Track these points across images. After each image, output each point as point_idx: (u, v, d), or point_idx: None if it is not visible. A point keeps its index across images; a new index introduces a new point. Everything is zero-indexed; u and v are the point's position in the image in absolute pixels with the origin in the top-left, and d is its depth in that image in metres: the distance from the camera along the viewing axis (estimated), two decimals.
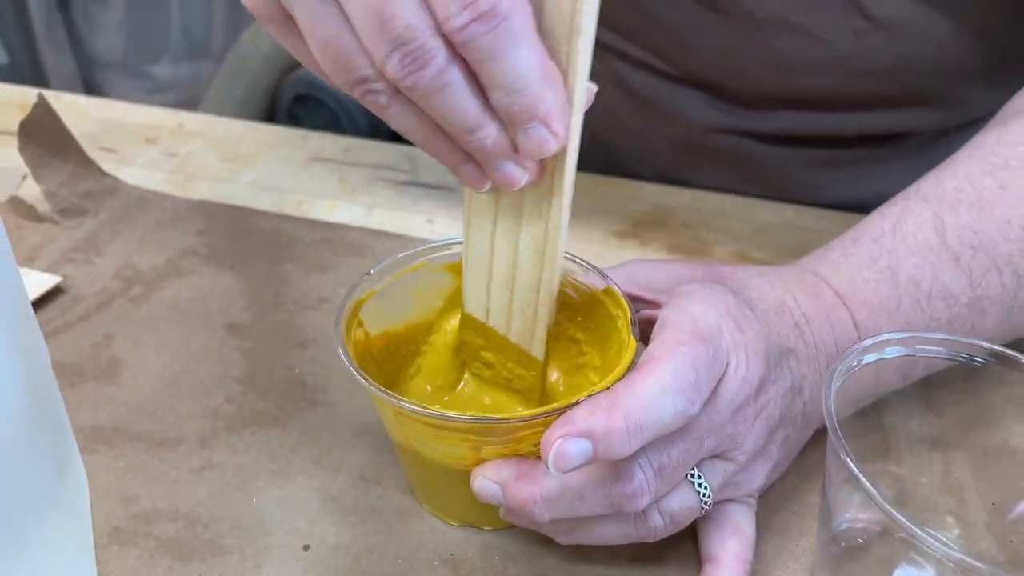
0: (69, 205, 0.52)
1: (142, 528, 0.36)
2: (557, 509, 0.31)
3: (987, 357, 0.35)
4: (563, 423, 0.29)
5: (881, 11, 0.49)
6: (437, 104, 0.27)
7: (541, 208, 0.31)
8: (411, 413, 0.31)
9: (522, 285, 0.34)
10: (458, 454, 0.33)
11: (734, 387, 0.32)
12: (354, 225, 0.53)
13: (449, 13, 0.25)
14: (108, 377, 0.43)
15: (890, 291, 0.37)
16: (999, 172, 0.38)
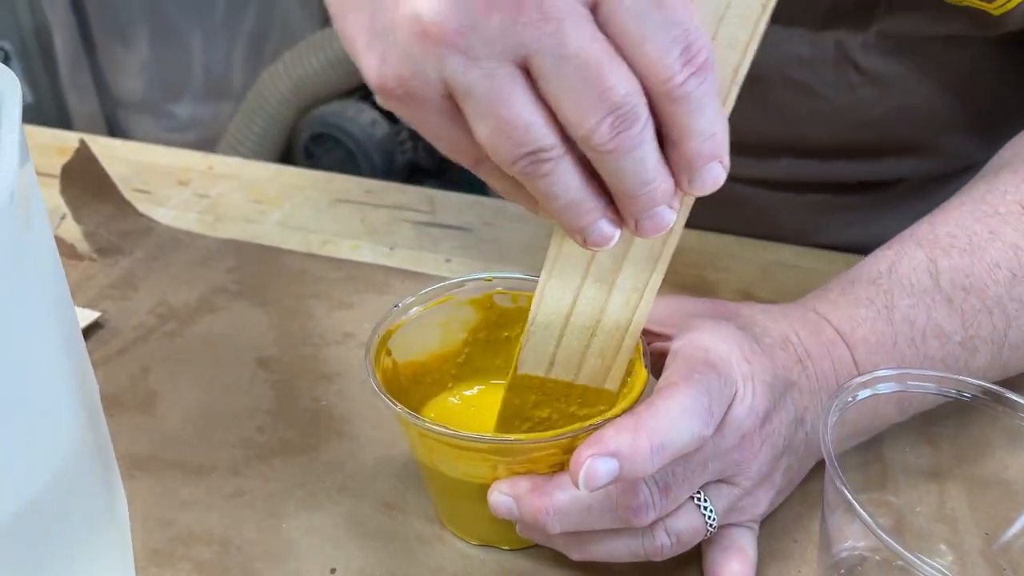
0: (107, 244, 0.55)
1: (179, 550, 0.38)
2: (568, 521, 0.34)
3: (976, 393, 0.37)
4: (593, 442, 0.31)
5: (871, 66, 0.51)
6: (628, 160, 0.28)
7: (655, 245, 0.33)
8: (434, 434, 0.34)
9: (608, 326, 0.35)
10: (477, 473, 0.35)
11: (741, 415, 0.34)
12: (376, 264, 0.56)
13: (672, 72, 0.27)
14: (145, 408, 0.45)
15: (886, 329, 0.39)
16: (988, 219, 0.41)
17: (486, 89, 0.27)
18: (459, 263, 0.57)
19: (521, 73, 0.27)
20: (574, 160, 0.29)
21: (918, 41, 0.50)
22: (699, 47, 0.27)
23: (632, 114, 0.27)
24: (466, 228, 0.60)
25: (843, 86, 0.52)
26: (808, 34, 0.51)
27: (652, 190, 0.29)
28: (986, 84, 0.53)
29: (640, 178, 0.29)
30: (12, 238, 0.25)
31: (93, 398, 0.32)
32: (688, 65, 0.27)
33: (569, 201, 0.30)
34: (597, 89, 0.27)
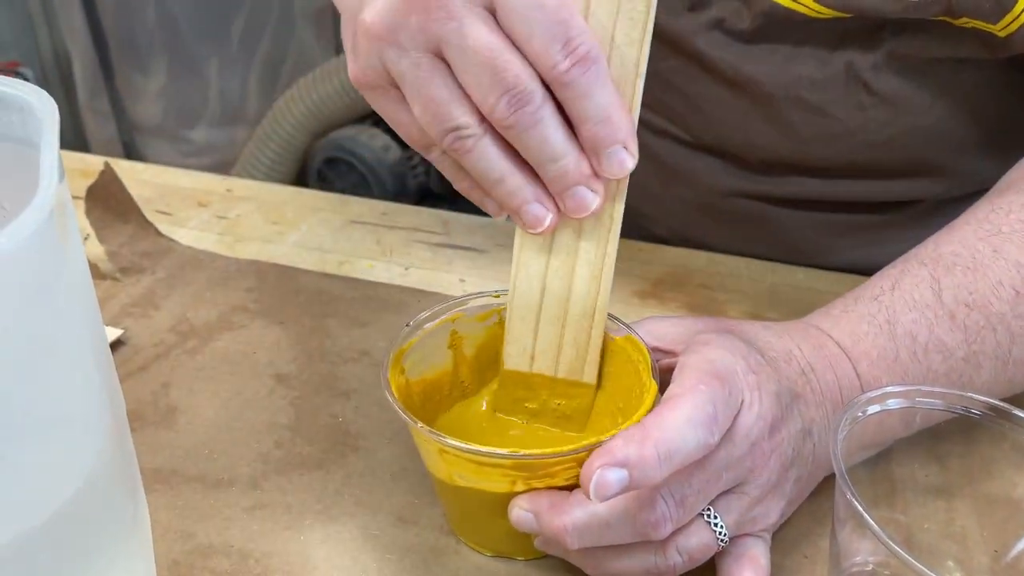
0: (129, 264, 0.57)
1: (199, 562, 0.39)
2: (586, 537, 0.34)
3: (984, 410, 0.37)
4: (602, 454, 0.32)
5: (882, 88, 0.52)
6: (532, 136, 0.33)
7: (599, 233, 0.36)
8: (454, 450, 0.35)
9: (575, 314, 0.38)
10: (496, 487, 0.36)
11: (749, 422, 0.35)
12: (391, 283, 0.57)
13: (555, 61, 0.32)
14: (166, 423, 0.46)
15: (888, 343, 0.40)
16: (992, 238, 0.41)
17: (414, 75, 0.34)
18: (473, 283, 0.58)
19: (441, 62, 0.33)
20: (495, 140, 0.34)
21: (928, 63, 0.51)
22: (580, 41, 0.32)
23: (526, 93, 0.32)
24: (479, 249, 0.61)
25: (854, 107, 0.53)
26: (818, 55, 0.52)
27: (563, 167, 0.34)
28: (998, 106, 0.54)
29: (547, 154, 0.33)
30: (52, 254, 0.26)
31: (120, 411, 0.33)
32: (570, 56, 0.32)
33: (498, 179, 0.35)
34: (493, 72, 0.32)
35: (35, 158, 0.27)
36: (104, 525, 0.31)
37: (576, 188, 0.34)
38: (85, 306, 0.29)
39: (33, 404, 0.26)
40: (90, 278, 0.30)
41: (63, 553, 0.28)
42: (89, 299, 0.30)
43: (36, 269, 0.25)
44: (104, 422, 0.30)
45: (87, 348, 0.29)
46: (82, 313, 0.29)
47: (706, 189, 0.62)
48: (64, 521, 0.28)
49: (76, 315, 0.28)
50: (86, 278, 0.30)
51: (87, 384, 0.29)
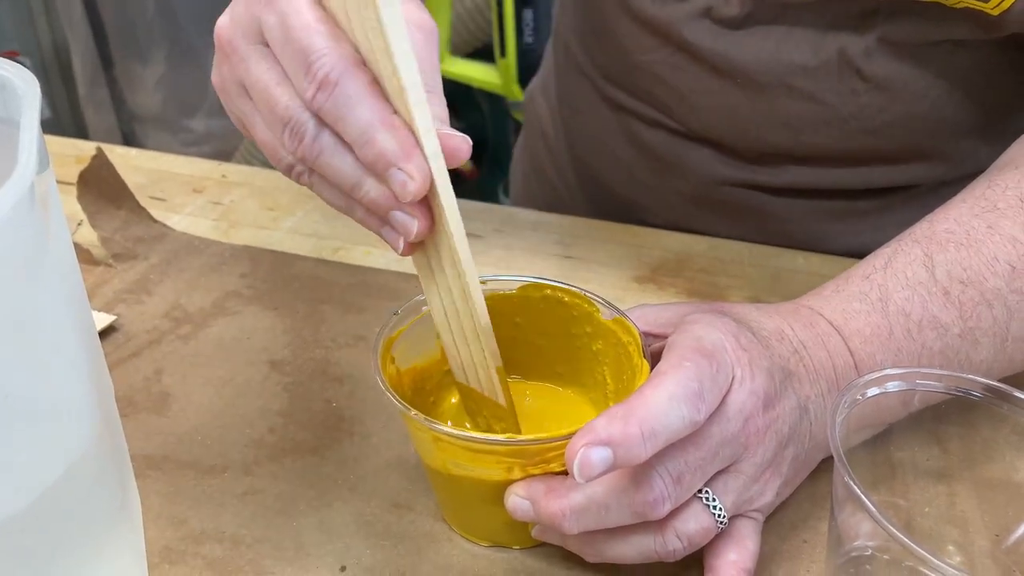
0: (122, 250, 0.56)
1: (190, 548, 0.39)
2: (584, 521, 0.34)
3: (983, 392, 0.37)
4: (584, 433, 0.32)
5: (875, 72, 0.52)
6: (323, 168, 0.32)
7: (445, 254, 0.34)
8: (449, 437, 0.34)
9: (469, 335, 0.36)
10: (491, 475, 0.35)
11: (742, 398, 0.34)
12: (388, 270, 0.56)
13: (303, 89, 0.31)
14: (158, 409, 0.46)
15: (880, 320, 0.39)
16: (987, 215, 0.41)
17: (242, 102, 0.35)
18: None
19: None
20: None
21: (922, 47, 0.50)
22: (318, 66, 0.30)
23: (298, 125, 0.32)
24: (476, 235, 0.60)
25: (847, 93, 0.52)
26: (810, 41, 0.52)
27: (365, 192, 0.32)
28: (993, 88, 0.53)
29: (347, 183, 0.32)
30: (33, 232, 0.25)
31: (108, 397, 0.32)
32: (312, 83, 0.31)
33: (345, 208, 0.34)
34: (270, 108, 0.32)
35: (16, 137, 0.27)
36: (91, 511, 0.30)
37: (391, 215, 0.32)
38: (70, 289, 0.29)
39: (15, 385, 0.25)
40: (76, 261, 0.30)
41: (49, 538, 0.28)
42: (75, 282, 0.29)
43: (15, 246, 0.24)
44: (90, 406, 0.30)
45: (72, 331, 0.28)
46: (67, 296, 0.28)
47: (700, 179, 0.61)
48: (49, 506, 0.27)
49: (60, 297, 0.28)
50: (73, 266, 0.29)
51: (72, 367, 0.28)
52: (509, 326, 0.42)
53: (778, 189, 0.60)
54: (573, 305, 0.41)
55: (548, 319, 0.42)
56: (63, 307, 0.28)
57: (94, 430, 0.30)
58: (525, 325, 0.42)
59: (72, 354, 0.28)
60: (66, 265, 0.29)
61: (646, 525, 0.34)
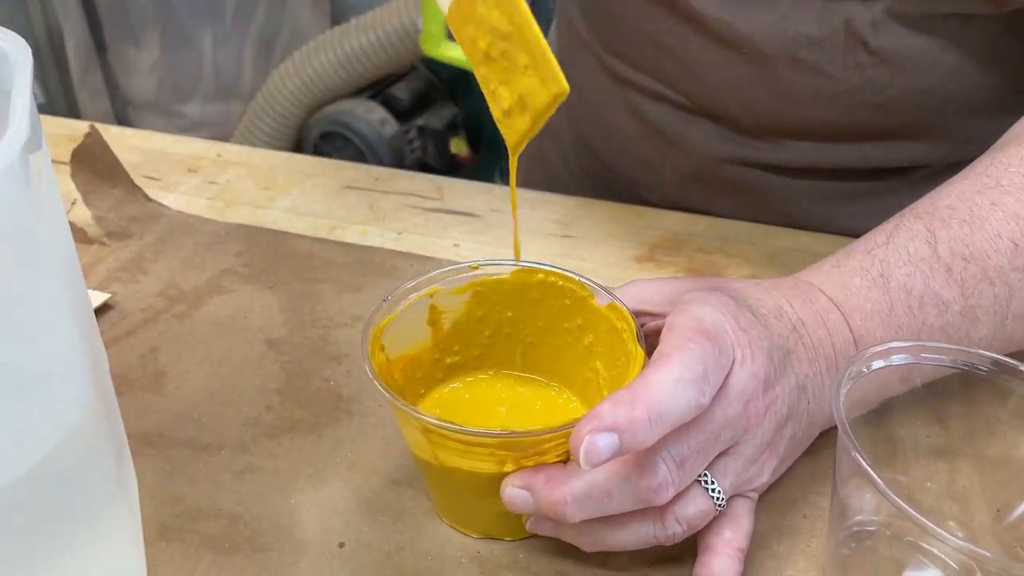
0: (117, 228, 0.56)
1: (187, 525, 0.38)
2: (587, 508, 0.33)
3: (990, 366, 0.36)
4: (590, 419, 0.31)
5: (882, 45, 0.51)
6: None
7: None
8: (440, 430, 0.33)
9: None
10: (483, 467, 0.34)
11: (743, 380, 0.34)
12: (385, 248, 0.56)
13: None
14: (154, 387, 0.45)
15: (881, 296, 0.39)
16: (990, 191, 0.40)
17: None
18: (467, 248, 0.57)
19: None
20: None
21: (929, 20, 0.50)
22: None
23: None
24: (474, 214, 0.60)
25: (852, 67, 0.52)
26: (816, 11, 0.51)
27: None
28: (1001, 65, 0.52)
29: None
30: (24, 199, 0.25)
31: (103, 372, 0.32)
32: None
33: None
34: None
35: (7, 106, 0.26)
36: (86, 485, 0.30)
37: None
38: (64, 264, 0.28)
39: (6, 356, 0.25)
40: (71, 238, 0.30)
41: (43, 512, 0.28)
42: (70, 259, 0.29)
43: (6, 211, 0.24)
44: (84, 380, 0.29)
45: (66, 305, 0.28)
46: (61, 271, 0.28)
47: (702, 156, 0.60)
48: (43, 479, 0.27)
49: (54, 272, 0.27)
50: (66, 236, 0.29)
51: (66, 341, 0.28)
52: (501, 321, 0.41)
53: (780, 168, 0.59)
54: (567, 290, 0.40)
55: (540, 310, 0.41)
56: (57, 281, 0.27)
57: (88, 404, 0.29)
58: (517, 319, 0.41)
59: (66, 328, 0.28)
60: (60, 240, 0.28)
61: (645, 511, 0.34)
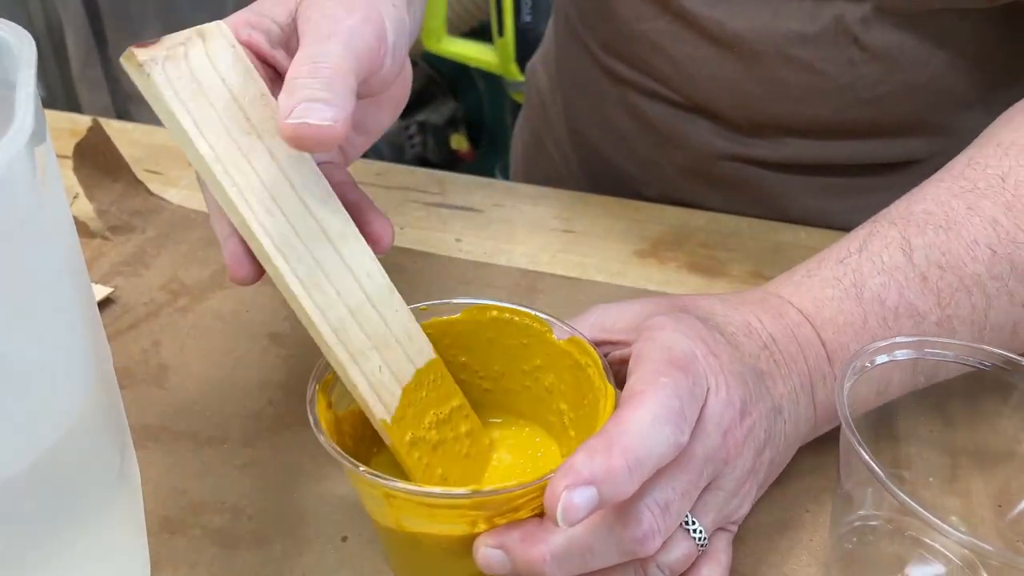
0: (119, 222, 0.56)
1: (190, 518, 0.38)
2: (568, 566, 0.31)
3: (996, 362, 0.36)
4: (565, 473, 0.28)
5: (873, 42, 0.51)
6: None
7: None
8: (404, 494, 0.31)
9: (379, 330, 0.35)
10: (453, 530, 0.32)
11: (719, 410, 0.32)
12: None
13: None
14: (157, 380, 0.45)
15: (854, 308, 0.37)
16: (967, 195, 0.39)
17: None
18: (469, 242, 0.57)
19: None
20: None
21: (920, 16, 0.50)
22: None
23: None
24: (475, 209, 0.60)
25: (844, 63, 0.52)
26: (807, 8, 0.51)
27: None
28: (995, 59, 0.52)
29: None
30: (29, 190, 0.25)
31: (107, 364, 0.32)
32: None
33: None
34: None
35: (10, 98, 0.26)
36: (89, 476, 0.30)
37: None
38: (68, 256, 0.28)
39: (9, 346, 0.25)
40: (74, 230, 0.30)
41: (47, 503, 0.28)
42: (73, 251, 0.29)
43: (12, 204, 0.24)
44: (87, 371, 0.29)
45: (69, 297, 0.28)
46: (64, 262, 0.28)
47: (697, 153, 0.60)
48: (47, 470, 0.27)
49: (57, 263, 0.27)
50: (70, 228, 0.29)
51: (69, 332, 0.28)
52: (455, 366, 0.38)
53: (775, 164, 0.59)
54: (522, 326, 0.37)
55: (496, 352, 0.38)
56: (60, 273, 0.28)
57: (91, 395, 0.29)
58: (472, 365, 0.39)
59: (69, 319, 0.28)
60: (64, 234, 0.28)
61: (627, 562, 0.32)
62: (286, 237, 0.33)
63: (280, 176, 0.33)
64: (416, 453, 0.35)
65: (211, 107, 0.32)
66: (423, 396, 0.36)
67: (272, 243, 0.32)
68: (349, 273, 0.34)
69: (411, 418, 0.35)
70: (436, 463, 0.36)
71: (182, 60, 0.32)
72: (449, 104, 1.66)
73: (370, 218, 0.39)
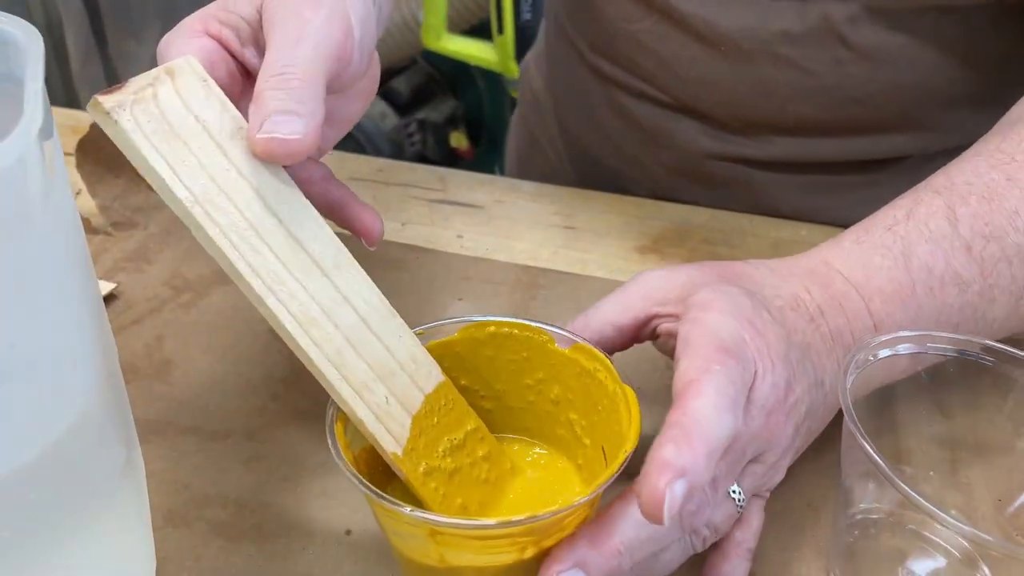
0: (121, 218, 0.56)
1: (194, 512, 0.39)
2: (639, 552, 0.32)
3: (994, 357, 0.37)
4: (661, 470, 0.29)
5: (860, 41, 0.51)
6: None
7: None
8: (453, 529, 0.30)
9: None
10: (502, 560, 0.31)
11: (764, 393, 0.33)
12: (388, 240, 0.56)
13: None
14: (160, 376, 0.46)
15: (903, 277, 0.38)
16: (1005, 167, 0.40)
17: None
18: (470, 239, 0.57)
19: None
20: None
21: (907, 14, 0.50)
22: None
23: None
24: (477, 205, 0.60)
25: (831, 62, 0.52)
26: (794, 7, 0.51)
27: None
28: (981, 57, 0.52)
29: None
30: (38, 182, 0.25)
31: (112, 357, 0.32)
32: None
33: None
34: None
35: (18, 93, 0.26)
36: (97, 466, 0.30)
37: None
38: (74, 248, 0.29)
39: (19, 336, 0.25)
40: (80, 223, 0.30)
41: (54, 493, 0.28)
42: (79, 243, 0.29)
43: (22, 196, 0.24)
44: (94, 363, 0.29)
45: (75, 289, 0.28)
46: (71, 254, 0.28)
47: (685, 152, 0.60)
48: (55, 460, 0.27)
49: (64, 255, 0.28)
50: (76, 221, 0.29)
51: (76, 324, 0.28)
52: (457, 390, 0.37)
53: (764, 162, 0.59)
54: (523, 339, 0.37)
55: (496, 370, 0.38)
56: (67, 266, 0.28)
57: (98, 386, 0.30)
58: (473, 386, 0.38)
59: (76, 311, 0.28)
60: (71, 227, 0.28)
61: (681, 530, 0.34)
62: (276, 275, 0.31)
63: (265, 211, 0.31)
64: (432, 484, 0.34)
65: (185, 147, 0.31)
66: (435, 423, 0.35)
67: (262, 283, 0.31)
68: (346, 303, 0.33)
69: (424, 448, 0.34)
70: (454, 492, 0.34)
71: (151, 102, 0.31)
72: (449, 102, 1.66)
73: (357, 212, 0.39)
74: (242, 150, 0.32)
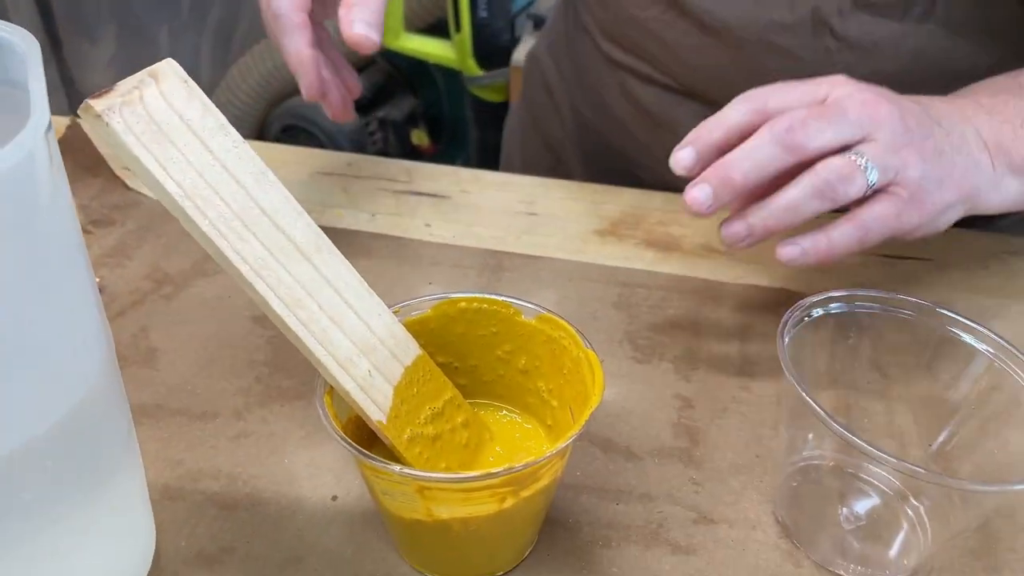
0: (100, 216, 0.58)
1: (188, 485, 0.41)
2: (746, 165, 0.43)
3: (919, 311, 0.40)
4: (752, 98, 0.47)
5: (848, 32, 0.55)
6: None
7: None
8: (440, 484, 0.33)
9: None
10: (483, 510, 0.34)
11: (848, 89, 0.45)
12: (359, 230, 0.59)
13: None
14: (147, 363, 0.48)
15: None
16: None
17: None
18: (438, 227, 0.60)
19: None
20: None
21: (894, 7, 0.53)
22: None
23: None
24: (443, 195, 0.63)
25: (821, 51, 0.55)
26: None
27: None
28: (967, 46, 0.55)
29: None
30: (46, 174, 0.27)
31: (110, 338, 0.35)
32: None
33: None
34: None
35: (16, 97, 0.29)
36: (103, 436, 0.33)
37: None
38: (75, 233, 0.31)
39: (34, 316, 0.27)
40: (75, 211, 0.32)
41: (68, 460, 0.30)
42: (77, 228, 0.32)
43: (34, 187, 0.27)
44: (99, 339, 0.32)
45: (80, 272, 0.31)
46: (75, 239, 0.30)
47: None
48: (68, 430, 0.30)
49: (71, 239, 0.30)
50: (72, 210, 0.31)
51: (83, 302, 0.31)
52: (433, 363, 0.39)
53: None
54: (491, 313, 0.40)
55: (468, 345, 0.41)
56: (72, 251, 0.30)
57: (102, 365, 0.32)
58: (447, 362, 0.41)
59: (82, 293, 0.31)
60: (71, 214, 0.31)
61: (798, 176, 0.43)
62: (263, 261, 0.33)
63: (249, 203, 0.34)
64: (416, 448, 0.37)
65: (172, 145, 0.33)
66: (415, 393, 0.37)
67: (250, 269, 0.33)
68: (328, 285, 0.35)
69: (406, 416, 0.37)
70: (437, 456, 0.37)
71: (138, 104, 0.32)
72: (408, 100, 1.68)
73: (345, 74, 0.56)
74: (224, 146, 0.34)
